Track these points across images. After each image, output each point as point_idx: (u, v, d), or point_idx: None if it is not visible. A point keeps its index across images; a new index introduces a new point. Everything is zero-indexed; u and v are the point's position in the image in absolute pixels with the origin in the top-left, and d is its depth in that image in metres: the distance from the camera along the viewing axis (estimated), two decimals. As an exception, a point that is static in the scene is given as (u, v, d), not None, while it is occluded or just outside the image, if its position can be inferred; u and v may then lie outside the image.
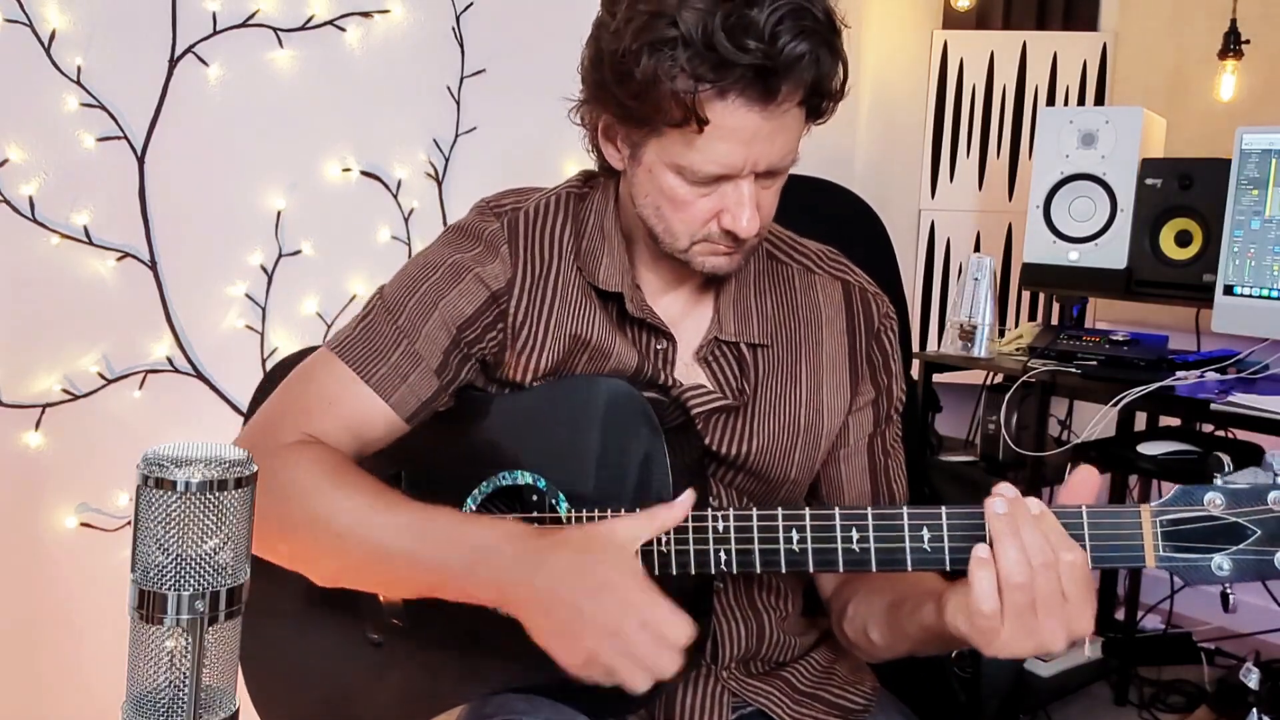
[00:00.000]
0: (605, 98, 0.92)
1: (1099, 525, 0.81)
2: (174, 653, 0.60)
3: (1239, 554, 0.79)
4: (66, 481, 1.80)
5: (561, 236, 1.03)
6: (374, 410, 0.98)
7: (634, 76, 0.87)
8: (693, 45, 0.84)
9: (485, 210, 1.04)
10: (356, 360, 0.98)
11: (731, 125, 0.87)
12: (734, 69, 0.84)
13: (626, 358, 1.01)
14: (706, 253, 0.96)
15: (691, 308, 1.05)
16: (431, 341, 0.99)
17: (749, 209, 0.92)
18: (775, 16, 0.83)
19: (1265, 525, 0.78)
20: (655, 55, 0.85)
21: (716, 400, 1.02)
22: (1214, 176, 2.08)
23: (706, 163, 0.90)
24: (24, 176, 1.72)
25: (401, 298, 1.00)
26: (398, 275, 1.04)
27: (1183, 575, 0.80)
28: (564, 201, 1.05)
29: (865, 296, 1.10)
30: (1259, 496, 0.78)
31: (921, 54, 3.10)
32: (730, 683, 1.04)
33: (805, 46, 0.85)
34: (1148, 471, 2.17)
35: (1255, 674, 1.97)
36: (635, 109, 0.89)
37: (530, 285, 1.01)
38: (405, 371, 0.98)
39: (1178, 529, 0.80)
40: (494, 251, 1.01)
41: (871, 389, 1.09)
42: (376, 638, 1.07)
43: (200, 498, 0.59)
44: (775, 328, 1.06)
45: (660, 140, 0.91)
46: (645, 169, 0.94)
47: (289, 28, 1.96)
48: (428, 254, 1.04)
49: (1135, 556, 0.80)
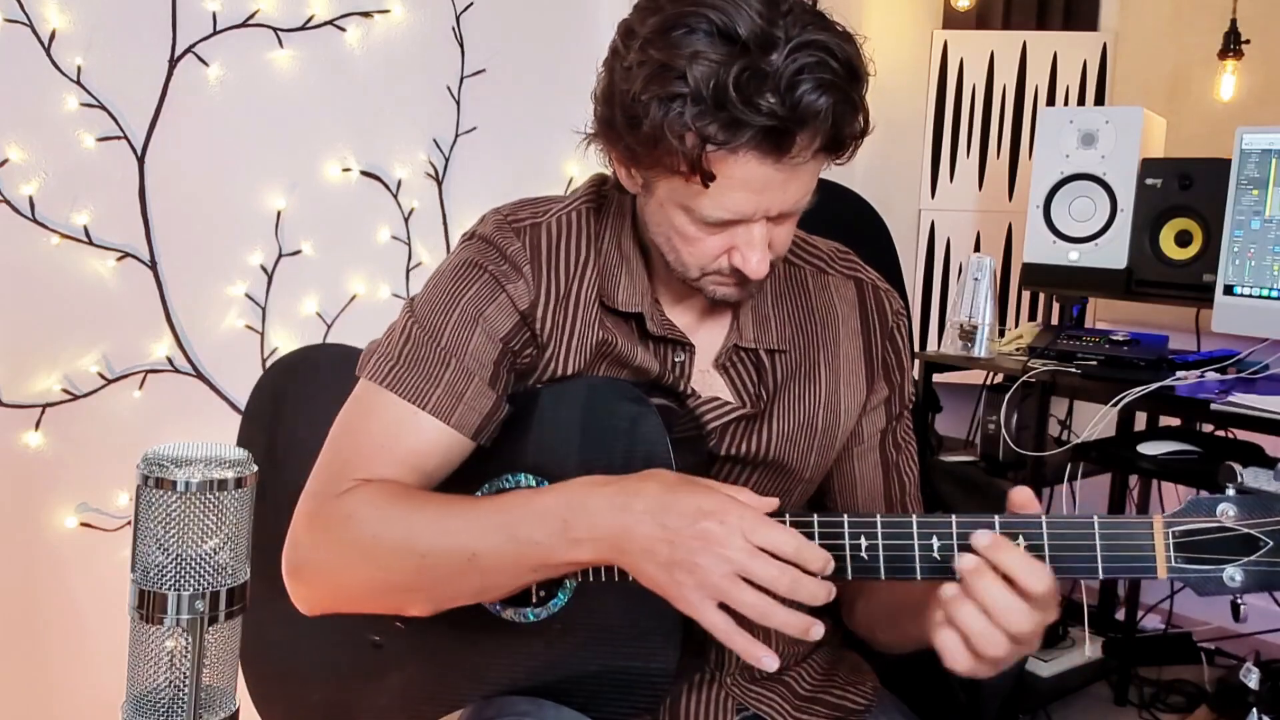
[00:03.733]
0: (613, 137, 0.90)
1: (1110, 535, 0.80)
2: (174, 653, 0.60)
3: (1251, 565, 0.78)
4: (66, 481, 1.80)
5: (580, 256, 1.01)
6: (435, 437, 0.95)
7: (642, 125, 0.83)
8: (702, 103, 0.80)
9: (504, 224, 1.01)
10: (408, 389, 0.95)
11: (742, 177, 0.85)
12: (745, 129, 0.80)
13: (648, 365, 1.01)
14: (716, 283, 0.95)
15: (710, 314, 1.04)
16: (480, 356, 0.97)
17: (759, 251, 0.90)
18: (795, 66, 0.80)
19: (1277, 536, 0.78)
20: (663, 108, 0.82)
21: (734, 412, 1.02)
22: (1214, 176, 2.08)
23: (716, 209, 0.88)
24: (24, 176, 1.71)
25: (439, 316, 0.98)
26: (428, 293, 1.01)
27: (1194, 586, 0.80)
28: (582, 218, 1.03)
29: (878, 294, 1.10)
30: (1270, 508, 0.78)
31: (921, 54, 3.10)
32: (732, 689, 1.04)
33: (825, 101, 0.81)
34: (1148, 471, 2.17)
35: (1255, 674, 1.97)
36: (642, 154, 0.87)
37: (554, 306, 1.00)
38: (460, 390, 0.96)
39: (1190, 540, 0.79)
40: (518, 270, 0.99)
41: (885, 387, 1.09)
42: (377, 639, 1.07)
43: (200, 498, 0.59)
44: (793, 332, 1.05)
45: (670, 181, 0.89)
46: (657, 202, 0.93)
47: (289, 28, 1.96)
48: (456, 268, 1.01)
49: (1147, 567, 0.80)
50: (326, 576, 0.95)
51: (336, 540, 0.92)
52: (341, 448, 0.97)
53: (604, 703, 0.94)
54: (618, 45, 0.88)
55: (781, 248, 0.95)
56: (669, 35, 0.82)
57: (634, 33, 0.86)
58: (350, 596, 0.96)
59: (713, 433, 1.01)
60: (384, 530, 0.91)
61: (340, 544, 0.92)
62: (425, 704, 1.04)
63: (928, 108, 3.07)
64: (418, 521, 0.90)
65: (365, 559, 0.92)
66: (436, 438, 0.95)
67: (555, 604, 0.97)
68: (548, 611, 0.97)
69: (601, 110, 0.91)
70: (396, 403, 0.95)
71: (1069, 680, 2.42)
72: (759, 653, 0.81)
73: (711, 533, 0.80)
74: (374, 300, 2.13)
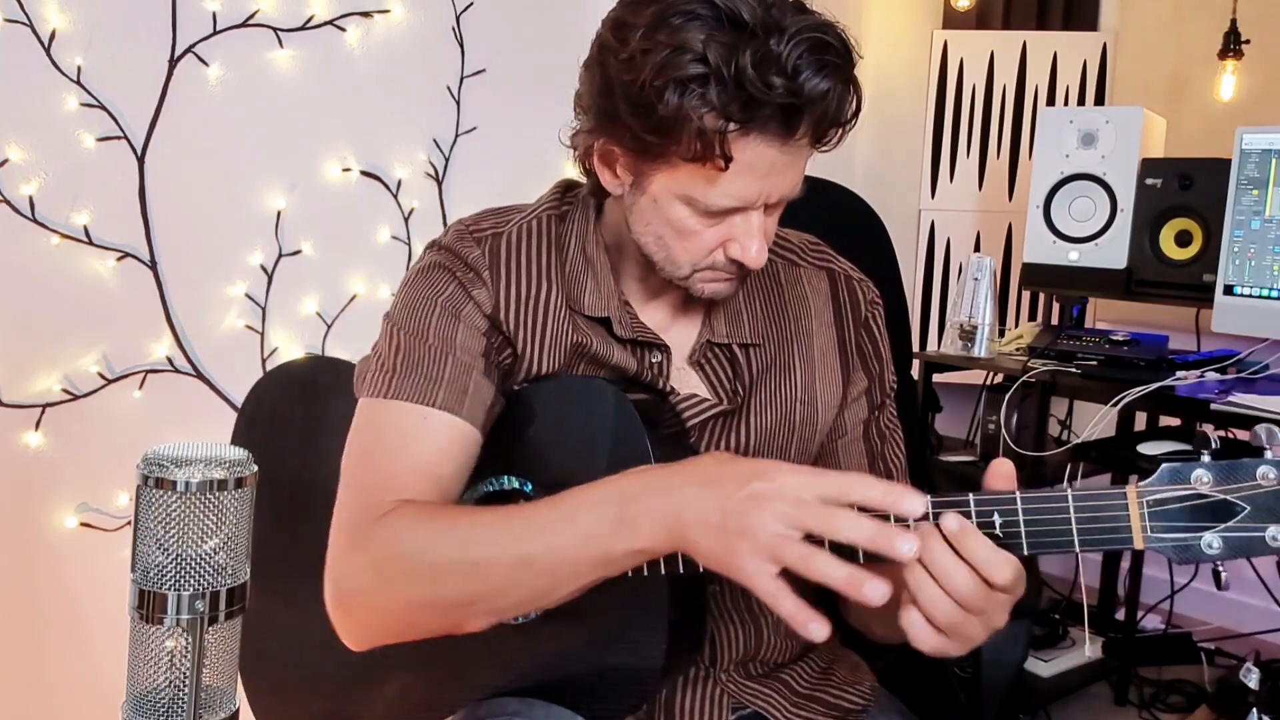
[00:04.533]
0: (617, 129, 0.89)
1: (1084, 508, 0.79)
2: (174, 652, 0.60)
3: (1229, 531, 0.77)
4: (66, 481, 1.80)
5: (543, 262, 1.01)
6: (449, 434, 0.94)
7: (655, 111, 0.84)
8: (724, 83, 0.82)
9: (465, 234, 1.01)
10: (412, 393, 0.94)
11: (751, 161, 0.86)
12: (763, 107, 0.82)
13: (625, 364, 1.01)
14: (708, 279, 0.95)
15: (682, 312, 1.05)
16: (469, 348, 0.97)
17: (759, 240, 0.91)
18: (797, 51, 0.82)
19: (1254, 501, 0.77)
20: (682, 92, 0.82)
21: (712, 408, 1.02)
22: (1214, 176, 2.08)
23: (722, 197, 0.88)
24: (24, 176, 1.72)
25: (419, 318, 0.98)
26: (402, 300, 1.00)
27: (1173, 555, 0.78)
28: (544, 225, 1.03)
29: (851, 284, 1.10)
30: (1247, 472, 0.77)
31: (921, 54, 3.10)
32: (728, 685, 1.04)
33: (827, 83, 0.83)
34: (1148, 472, 2.16)
35: (1255, 674, 1.97)
36: (653, 143, 0.87)
37: (518, 309, 0.99)
38: (464, 384, 0.95)
39: (1165, 509, 0.78)
40: (479, 277, 0.99)
41: (864, 378, 1.09)
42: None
43: (200, 498, 0.59)
44: (766, 325, 1.06)
45: (672, 172, 0.89)
46: (650, 198, 0.92)
47: (289, 28, 1.96)
48: (424, 272, 1.01)
49: (1124, 538, 0.78)
50: (376, 602, 0.92)
51: (383, 562, 0.90)
52: (364, 472, 0.95)
53: (595, 701, 0.94)
54: (607, 40, 0.89)
55: (769, 238, 0.96)
56: (670, 22, 0.83)
57: (627, 24, 0.86)
58: (403, 621, 0.93)
59: (693, 430, 1.01)
60: (431, 545, 0.89)
61: (387, 566, 0.90)
62: (420, 710, 1.04)
63: (928, 108, 3.07)
64: (465, 531, 0.89)
65: (414, 577, 0.89)
66: (450, 435, 0.95)
67: (548, 604, 0.96)
68: (536, 611, 0.97)
69: (598, 103, 0.90)
70: (405, 409, 0.94)
71: (1069, 680, 2.42)
72: (805, 618, 0.76)
73: (761, 491, 0.78)
74: (374, 300, 2.13)
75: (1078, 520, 0.79)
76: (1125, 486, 0.79)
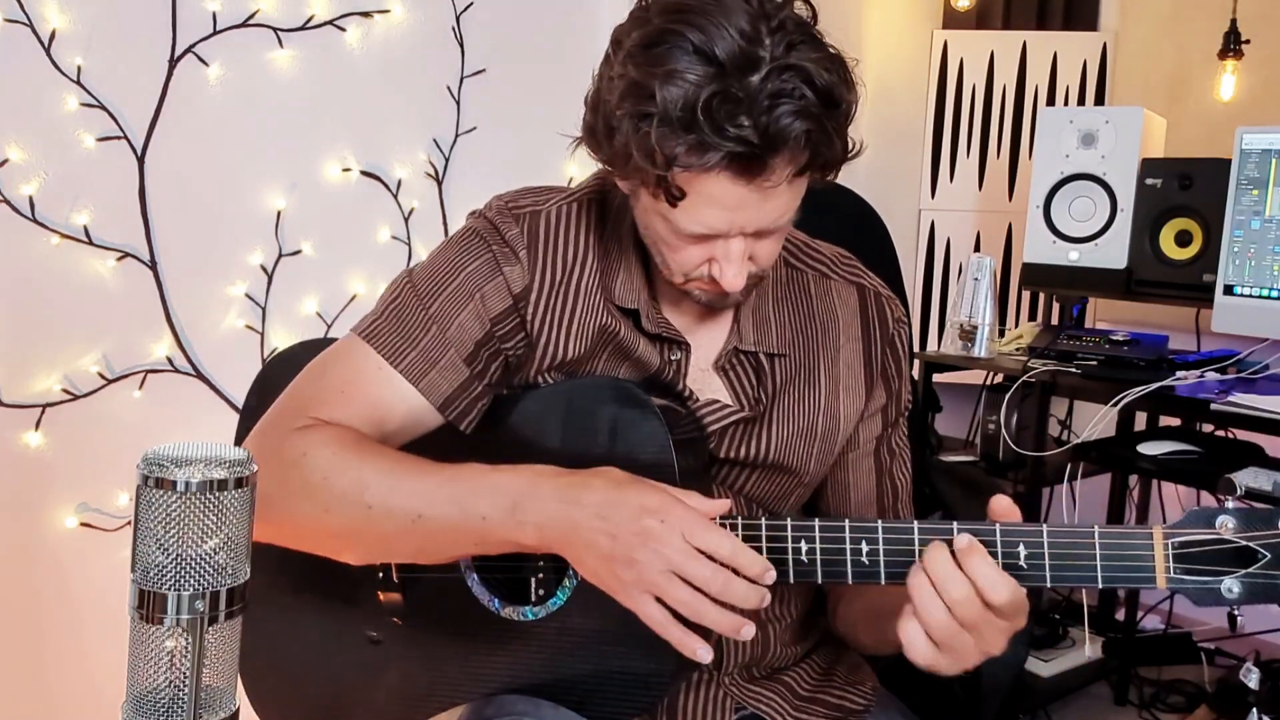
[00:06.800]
0: (594, 144, 0.90)
1: (1110, 546, 0.82)
2: (174, 653, 0.60)
3: (1248, 578, 0.80)
4: (66, 481, 1.80)
5: (580, 247, 1.01)
6: (400, 396, 0.96)
7: (614, 138, 0.85)
8: (668, 124, 0.80)
9: (505, 210, 1.01)
10: (385, 345, 0.97)
11: (714, 194, 0.84)
12: (713, 152, 0.80)
13: (648, 358, 1.01)
14: (699, 289, 0.96)
15: (710, 316, 1.04)
16: (464, 331, 0.98)
17: (735, 266, 0.90)
18: (771, 90, 0.79)
19: (1275, 549, 0.80)
20: (634, 125, 0.82)
21: (733, 415, 1.02)
22: (1214, 176, 2.08)
23: (690, 223, 0.87)
24: (24, 176, 1.72)
25: (435, 286, 0.99)
26: (430, 262, 1.02)
27: (1192, 597, 0.81)
28: (583, 210, 1.03)
29: (880, 301, 1.10)
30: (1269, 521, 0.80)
31: (921, 54, 3.10)
32: (731, 688, 1.05)
33: (799, 126, 0.80)
34: (1148, 471, 2.17)
35: (1255, 674, 1.97)
36: (618, 165, 0.88)
37: (549, 290, 1.00)
38: (435, 358, 0.97)
39: (1189, 551, 0.81)
40: (515, 255, 0.99)
41: (884, 394, 1.09)
42: (375, 635, 1.07)
43: (200, 498, 0.59)
44: (794, 335, 1.05)
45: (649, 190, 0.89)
46: (642, 208, 0.93)
47: (289, 28, 1.97)
48: (462, 237, 1.02)
49: (1146, 578, 0.82)
50: (268, 508, 0.92)
51: (285, 475, 0.91)
52: (305, 385, 0.98)
53: (601, 703, 0.94)
54: (609, 54, 0.89)
55: (766, 261, 0.94)
56: (650, 51, 0.82)
57: (621, 44, 0.86)
58: (288, 532, 0.95)
59: (712, 435, 1.01)
60: (334, 474, 0.91)
61: (288, 480, 0.91)
62: (422, 701, 1.04)
63: (928, 108, 3.07)
64: (370, 473, 0.91)
65: (311, 499, 0.91)
66: (402, 397, 0.97)
67: (554, 603, 0.97)
68: (546, 611, 0.97)
69: (588, 116, 0.91)
70: (370, 355, 0.97)
71: (1069, 680, 2.42)
72: (693, 644, 0.83)
73: (652, 530, 0.82)
74: (374, 300, 2.12)
75: (1103, 559, 0.82)
76: (1152, 527, 0.82)
